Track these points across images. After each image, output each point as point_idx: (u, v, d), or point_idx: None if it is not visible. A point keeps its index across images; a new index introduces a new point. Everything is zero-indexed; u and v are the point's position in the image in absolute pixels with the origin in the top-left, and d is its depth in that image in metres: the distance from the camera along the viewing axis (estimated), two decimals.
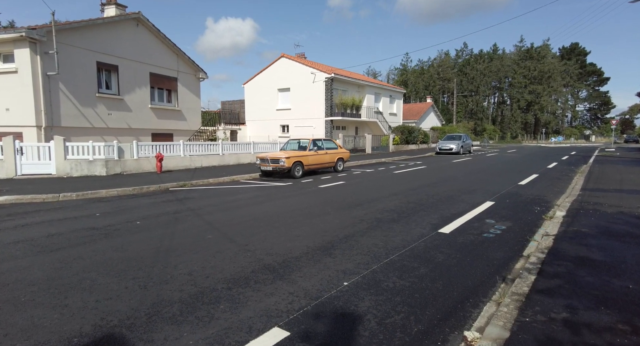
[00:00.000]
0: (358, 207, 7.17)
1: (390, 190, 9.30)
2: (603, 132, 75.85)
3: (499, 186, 9.88)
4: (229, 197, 8.36)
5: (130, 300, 3.15)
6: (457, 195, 8.50)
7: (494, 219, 6.25)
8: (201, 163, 14.59)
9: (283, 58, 28.30)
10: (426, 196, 8.44)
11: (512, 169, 14.49)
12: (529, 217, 6.43)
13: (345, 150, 14.39)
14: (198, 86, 19.65)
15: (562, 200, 7.92)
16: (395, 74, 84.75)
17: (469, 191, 9.11)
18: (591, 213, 6.20)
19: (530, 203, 7.55)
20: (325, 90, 25.97)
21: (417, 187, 9.94)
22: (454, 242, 4.95)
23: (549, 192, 9.05)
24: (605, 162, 16.33)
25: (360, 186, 10.23)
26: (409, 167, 16.33)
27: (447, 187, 9.87)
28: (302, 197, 8.49)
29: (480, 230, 5.56)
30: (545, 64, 68.58)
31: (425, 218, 6.25)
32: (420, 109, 45.04)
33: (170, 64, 17.81)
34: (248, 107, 30.72)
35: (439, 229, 5.58)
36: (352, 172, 14.15)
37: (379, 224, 5.86)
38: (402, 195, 8.61)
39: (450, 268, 3.96)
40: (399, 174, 13.17)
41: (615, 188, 8.91)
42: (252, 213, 6.69)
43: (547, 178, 11.70)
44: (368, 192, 9.04)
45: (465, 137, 26.42)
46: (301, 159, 12.07)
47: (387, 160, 20.25)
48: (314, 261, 4.13)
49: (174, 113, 18.26)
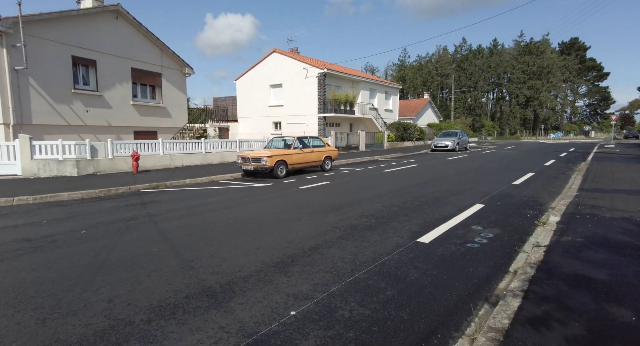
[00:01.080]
0: (335, 212, 6.59)
1: (375, 191, 8.71)
2: (603, 127, 75.24)
3: (491, 186, 9.30)
4: (198, 201, 7.77)
5: (13, 342, 2.55)
6: (445, 197, 7.93)
7: (481, 225, 5.67)
8: (182, 162, 13.96)
9: (275, 53, 27.61)
10: (412, 198, 7.86)
11: (507, 167, 13.91)
12: (520, 222, 5.86)
13: (333, 148, 13.79)
14: (184, 82, 18.99)
15: (557, 202, 7.34)
16: (393, 70, 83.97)
17: (459, 192, 8.54)
18: (588, 219, 5.63)
19: (522, 206, 6.97)
20: (317, 86, 25.32)
21: (405, 187, 9.36)
22: (432, 254, 4.38)
23: (544, 192, 8.47)
24: (604, 159, 15.76)
25: (344, 187, 9.64)
26: (401, 165, 15.75)
27: (436, 187, 9.29)
28: (278, 199, 7.90)
29: (464, 238, 4.98)
30: (545, 59, 67.79)
31: (406, 225, 5.67)
32: (417, 105, 44.38)
33: (153, 59, 17.14)
34: (240, 103, 30.07)
35: (418, 238, 5.00)
36: (341, 171, 13.56)
37: (352, 232, 5.28)
38: (386, 196, 8.03)
39: (422, 290, 3.39)
40: (389, 173, 12.58)
41: (614, 188, 8.34)
42: (216, 219, 6.11)
43: (543, 177, 11.12)
44: (350, 194, 8.45)
45: (462, 133, 25.81)
46: (285, 158, 11.47)
47: (380, 158, 19.65)
48: (265, 282, 3.55)
49: (157, 110, 17.62)
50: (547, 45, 70.54)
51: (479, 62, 70.96)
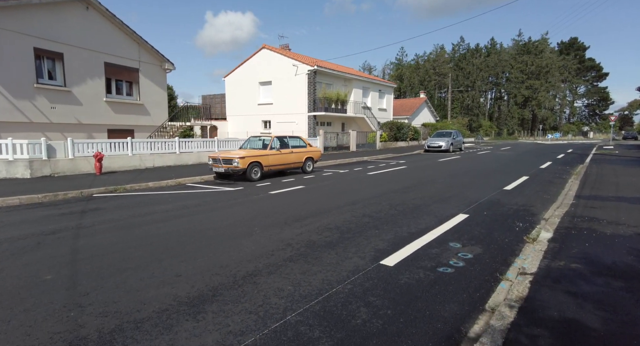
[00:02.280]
0: (296, 223, 5.75)
1: (350, 198, 7.88)
2: (601, 128, 74.52)
3: (480, 192, 8.47)
4: (147, 208, 6.91)
5: None
6: (427, 205, 7.10)
7: (460, 242, 4.85)
8: (153, 163, 13.08)
9: (264, 49, 26.72)
10: (389, 206, 7.03)
11: (500, 170, 13.09)
12: (507, 238, 5.04)
13: (315, 149, 12.95)
14: (164, 78, 18.09)
15: (551, 212, 6.52)
16: (391, 69, 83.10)
17: (444, 199, 7.71)
18: (585, 236, 4.81)
19: (511, 217, 6.15)
20: (307, 84, 24.45)
21: (385, 192, 8.53)
22: (394, 282, 3.55)
23: (537, 200, 7.65)
24: (603, 162, 14.96)
25: (318, 192, 8.81)
26: (389, 166, 14.92)
27: (419, 192, 8.46)
28: (239, 207, 7.05)
29: (437, 260, 4.16)
30: (543, 59, 67.02)
31: (373, 241, 4.84)
32: (413, 105, 43.56)
33: (130, 54, 16.24)
34: (229, 101, 29.19)
35: (383, 259, 4.18)
36: (323, 173, 12.72)
37: (306, 252, 4.45)
38: (361, 204, 7.20)
39: (366, 342, 2.56)
40: (373, 176, 11.75)
41: (614, 196, 7.54)
42: (151, 233, 5.26)
43: (537, 181, 10.31)
44: (322, 201, 7.62)
45: (456, 133, 24.99)
46: (259, 159, 10.62)
47: (370, 159, 18.82)
48: (162, 329, 2.71)
49: (135, 107, 16.72)
50: (546, 45, 69.79)
51: (477, 61, 70.16)
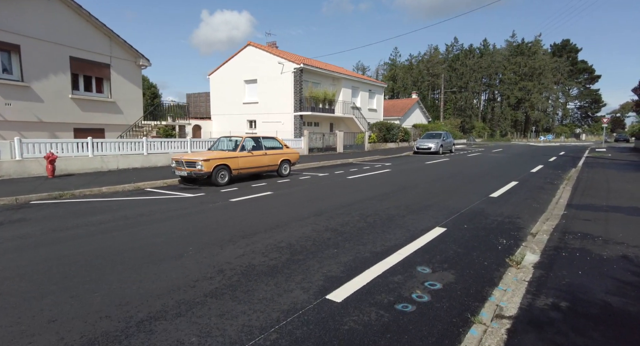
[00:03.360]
0: (243, 241, 4.92)
1: (318, 207, 7.06)
2: (593, 130, 74.61)
3: (463, 200, 7.70)
4: (77, 220, 6.01)
5: None
6: (402, 216, 6.31)
7: (431, 265, 4.05)
8: (117, 164, 12.14)
9: (250, 46, 25.85)
10: (359, 217, 6.22)
11: (489, 174, 12.36)
12: (487, 259, 4.25)
13: (292, 151, 12.11)
14: (139, 74, 17.12)
15: (539, 226, 5.76)
16: (384, 69, 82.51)
17: (422, 208, 6.92)
18: (577, 259, 4.04)
19: (495, 231, 5.37)
20: (294, 82, 23.63)
21: (360, 200, 7.73)
22: (335, 329, 2.74)
23: (525, 209, 6.90)
24: (595, 166, 14.32)
25: (286, 199, 7.98)
26: (374, 169, 14.14)
27: (397, 200, 7.67)
28: (185, 219, 6.20)
29: (397, 293, 3.35)
30: (537, 60, 66.87)
31: (326, 265, 4.03)
32: (405, 105, 42.93)
33: (100, 48, 15.26)
34: (214, 100, 28.26)
35: (331, 292, 3.37)
36: (299, 176, 11.89)
37: (239, 281, 3.62)
38: (328, 215, 6.38)
39: None
40: (352, 180, 10.95)
41: (609, 205, 6.81)
42: (60, 254, 4.39)
43: (527, 187, 9.58)
44: (285, 210, 6.79)
45: (446, 135, 24.30)
46: (227, 162, 9.76)
47: (355, 161, 18.03)
48: None
49: (106, 105, 15.74)
50: (539, 46, 69.67)
51: (470, 62, 69.82)
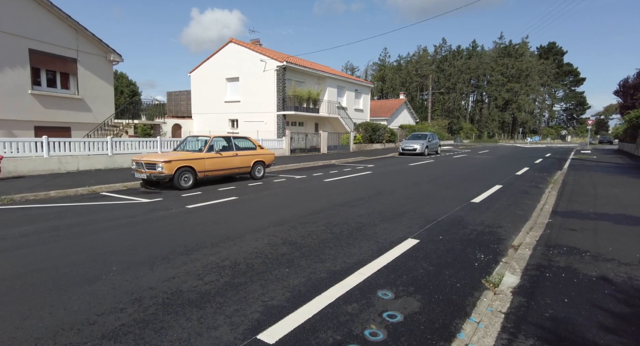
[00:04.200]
0: (180, 258, 4.24)
1: (282, 215, 6.41)
2: (578, 132, 75.65)
3: (442, 206, 7.15)
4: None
5: None
6: (373, 225, 5.71)
7: (394, 288, 3.45)
8: (77, 166, 11.29)
9: (232, 43, 25.05)
10: (325, 226, 5.59)
11: (472, 177, 11.88)
12: (460, 281, 3.67)
13: (267, 152, 11.43)
14: (110, 70, 16.22)
15: (522, 237, 5.22)
16: (374, 70, 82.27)
17: (396, 215, 6.34)
18: (563, 281, 3.48)
19: (473, 244, 4.80)
20: (276, 81, 22.93)
21: (331, 206, 7.11)
22: None
23: (508, 217, 6.37)
24: (581, 168, 13.99)
25: (250, 206, 7.31)
26: (355, 171, 13.56)
27: (371, 206, 7.08)
28: (125, 230, 5.48)
29: (347, 329, 2.73)
30: (523, 62, 67.45)
31: (270, 290, 3.38)
32: (393, 106, 42.57)
33: (64, 41, 14.33)
34: (195, 98, 27.35)
35: (265, 329, 2.72)
36: (274, 179, 11.22)
37: (155, 314, 2.94)
38: (290, 224, 5.74)
39: None
40: (329, 184, 10.33)
41: (596, 212, 6.33)
42: None
43: (511, 191, 9.09)
44: (244, 219, 6.12)
45: (432, 136, 23.89)
46: (192, 164, 9.03)
47: (338, 162, 17.43)
48: None
49: (72, 102, 14.81)
50: (526, 48, 70.30)
51: (458, 63, 70.03)
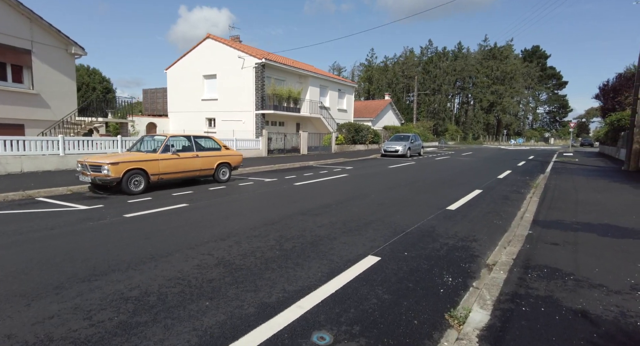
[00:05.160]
0: (77, 286, 3.42)
1: (229, 227, 5.63)
2: (561, 134, 76.87)
3: (414, 214, 6.48)
4: None
5: None
6: (332, 238, 4.98)
7: (335, 330, 2.72)
8: (21, 167, 10.22)
9: (209, 39, 24.09)
10: (275, 241, 4.84)
11: (452, 180, 11.31)
12: (419, 316, 2.96)
13: (234, 153, 10.61)
14: (71, 64, 15.12)
15: (497, 253, 4.58)
16: (360, 71, 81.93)
17: (361, 226, 5.63)
18: (542, 320, 2.80)
19: (441, 262, 4.12)
20: (255, 78, 22.07)
21: (291, 215, 6.36)
22: None
23: (485, 228, 5.73)
24: (563, 172, 13.60)
25: (198, 215, 6.50)
26: (331, 174, 12.85)
27: (336, 214, 6.36)
28: (35, 245, 4.62)
29: None
30: (508, 64, 68.11)
31: (173, 335, 2.62)
32: (378, 107, 42.14)
33: (15, 31, 13.19)
34: (171, 96, 26.28)
35: None
36: (241, 182, 10.40)
37: None
38: (235, 239, 4.97)
39: None
40: (299, 188, 9.58)
41: (579, 222, 5.77)
42: None
43: (491, 197, 8.51)
44: (182, 233, 5.32)
45: (415, 137, 23.40)
46: (143, 166, 8.15)
47: (316, 164, 16.70)
48: None
49: (25, 97, 13.67)
50: (510, 51, 71.02)
51: (444, 64, 70.27)
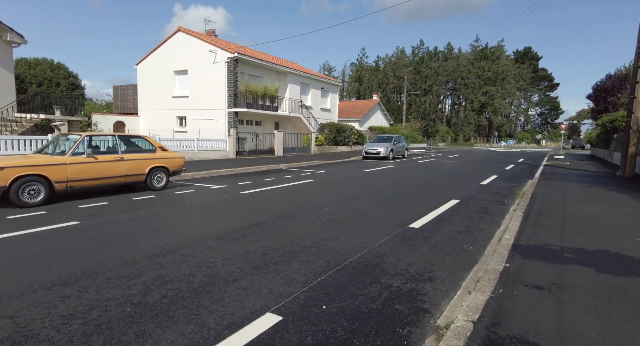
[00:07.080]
0: None
1: (96, 262, 4.16)
2: (552, 136, 76.38)
3: (364, 235, 5.06)
4: None
5: None
6: (234, 278, 3.55)
7: None
8: None
9: (180, 32, 22.53)
10: (138, 290, 3.39)
11: (429, 187, 9.94)
12: None
13: (173, 155, 9.11)
14: (8, 53, 13.50)
15: (455, 304, 3.14)
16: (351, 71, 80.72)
17: (285, 257, 4.20)
18: None
19: (370, 325, 2.68)
20: (227, 74, 20.56)
21: (200, 239, 4.90)
22: None
23: (449, 257, 4.33)
24: (554, 178, 12.31)
25: (80, 239, 5.01)
26: (298, 179, 11.43)
27: (261, 239, 4.92)
28: None
29: None
30: (500, 65, 67.35)
31: None
32: (365, 107, 40.81)
33: None
34: (141, 93, 24.65)
35: None
36: (177, 190, 8.91)
37: None
38: (85, 283, 3.51)
39: None
40: (240, 198, 8.11)
41: (570, 247, 4.42)
42: None
43: (467, 210, 7.13)
44: (29, 271, 3.84)
45: (399, 138, 22.06)
46: (44, 171, 6.63)
47: (285, 167, 15.25)
48: None
49: None
50: (502, 52, 70.31)
51: (435, 65, 69.29)
